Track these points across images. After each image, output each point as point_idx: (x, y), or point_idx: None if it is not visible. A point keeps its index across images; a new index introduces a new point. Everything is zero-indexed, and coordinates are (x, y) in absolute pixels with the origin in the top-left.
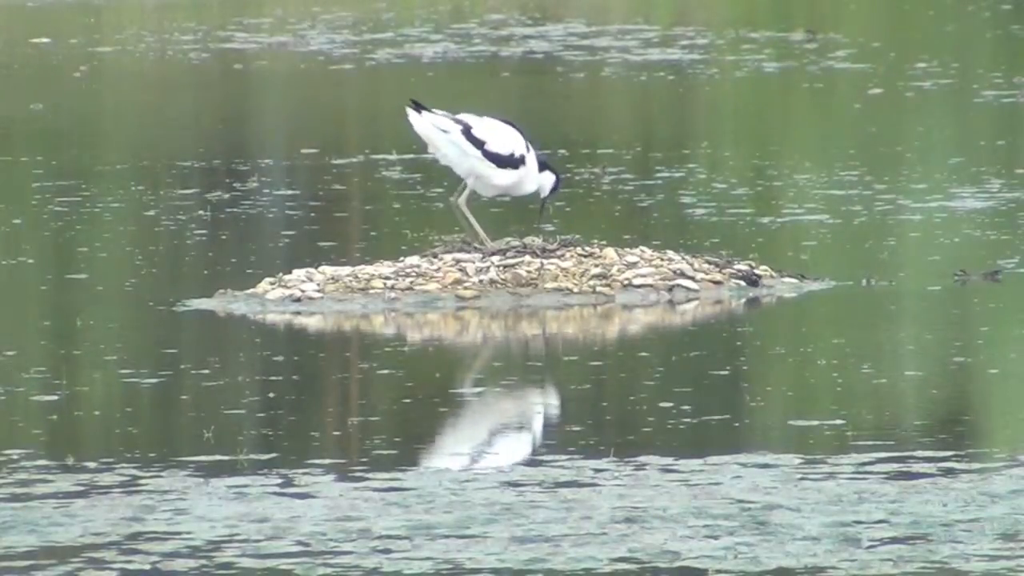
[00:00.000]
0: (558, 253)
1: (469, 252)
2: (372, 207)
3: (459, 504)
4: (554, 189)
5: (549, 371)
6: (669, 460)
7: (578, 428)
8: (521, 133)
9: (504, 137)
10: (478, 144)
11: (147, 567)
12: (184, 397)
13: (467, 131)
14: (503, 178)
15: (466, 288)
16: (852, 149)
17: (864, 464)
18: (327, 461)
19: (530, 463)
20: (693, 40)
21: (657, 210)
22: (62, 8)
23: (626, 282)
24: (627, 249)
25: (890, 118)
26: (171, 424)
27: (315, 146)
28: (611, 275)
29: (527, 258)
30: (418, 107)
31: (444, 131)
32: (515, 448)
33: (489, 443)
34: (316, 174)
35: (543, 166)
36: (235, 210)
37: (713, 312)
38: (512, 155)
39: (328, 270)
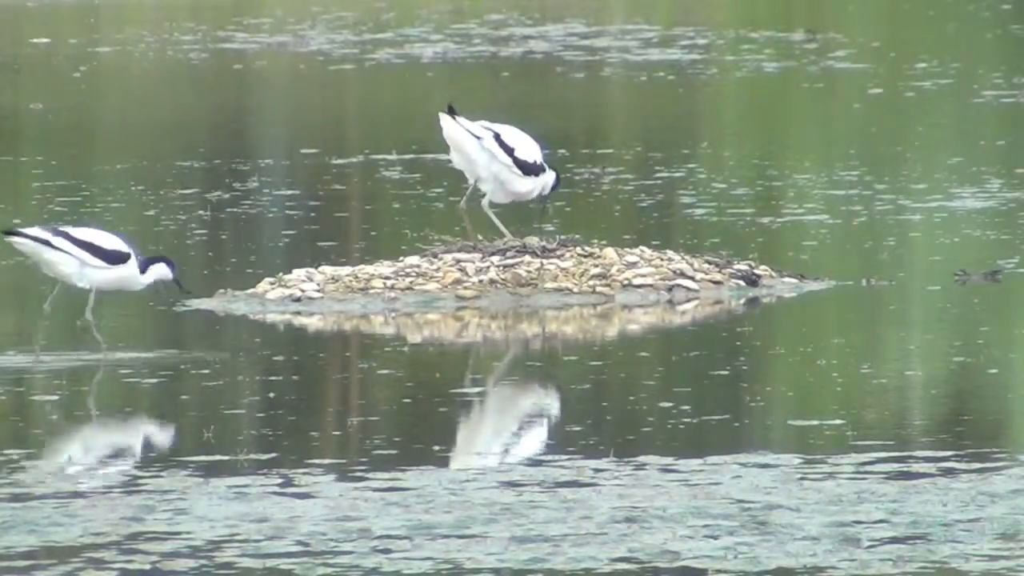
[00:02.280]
0: (558, 253)
1: (469, 252)
2: (372, 207)
3: (459, 504)
4: (554, 187)
5: (549, 371)
6: (669, 460)
7: (578, 428)
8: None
9: (529, 146)
10: (508, 151)
11: (147, 567)
12: (184, 397)
13: (498, 137)
14: (524, 185)
15: (466, 288)
16: (852, 149)
17: (864, 464)
18: (327, 461)
19: (530, 463)
20: (693, 40)
21: (657, 210)
22: (62, 8)
23: (626, 282)
24: (627, 249)
25: (890, 118)
26: (171, 424)
27: (315, 146)
28: (611, 275)
29: (527, 258)
30: (452, 112)
31: (477, 137)
32: (515, 448)
33: (489, 443)
34: (316, 174)
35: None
36: (235, 210)
37: (713, 312)
38: (536, 163)
39: (328, 270)
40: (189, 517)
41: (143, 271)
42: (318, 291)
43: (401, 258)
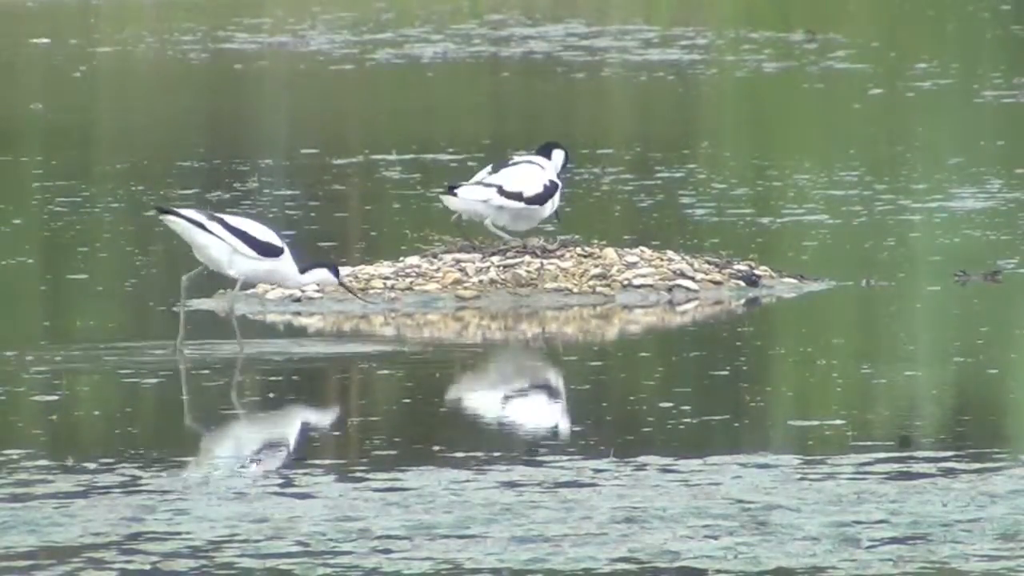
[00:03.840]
0: (558, 253)
1: (469, 252)
2: (372, 207)
3: (459, 504)
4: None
5: (549, 371)
6: (669, 460)
7: (578, 428)
8: (540, 166)
9: (532, 178)
10: (518, 197)
11: (147, 567)
12: (184, 397)
13: (501, 191)
14: (545, 212)
15: (466, 288)
16: (852, 149)
17: (864, 464)
18: (327, 461)
19: (530, 463)
20: (693, 40)
21: (657, 210)
22: (62, 8)
23: (626, 282)
24: (627, 249)
25: (890, 118)
26: (171, 424)
27: (315, 146)
28: (611, 275)
29: (527, 258)
30: (451, 190)
31: (484, 200)
32: (515, 448)
33: (489, 443)
34: (316, 174)
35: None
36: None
37: (713, 312)
38: (543, 191)
39: None
40: (189, 517)
41: (303, 271)
42: (318, 291)
43: (401, 258)
